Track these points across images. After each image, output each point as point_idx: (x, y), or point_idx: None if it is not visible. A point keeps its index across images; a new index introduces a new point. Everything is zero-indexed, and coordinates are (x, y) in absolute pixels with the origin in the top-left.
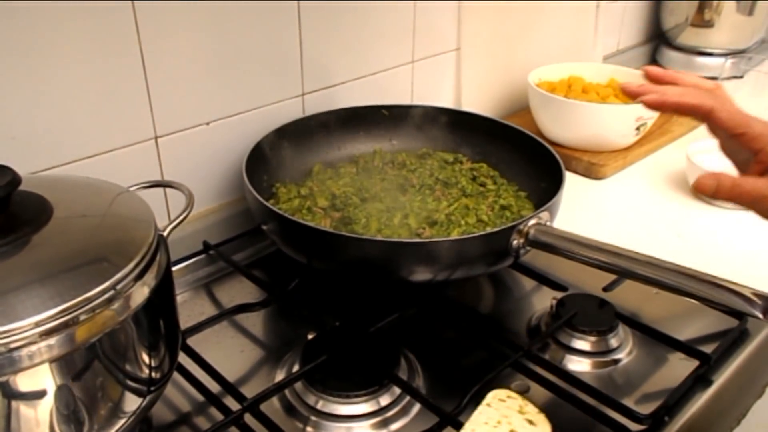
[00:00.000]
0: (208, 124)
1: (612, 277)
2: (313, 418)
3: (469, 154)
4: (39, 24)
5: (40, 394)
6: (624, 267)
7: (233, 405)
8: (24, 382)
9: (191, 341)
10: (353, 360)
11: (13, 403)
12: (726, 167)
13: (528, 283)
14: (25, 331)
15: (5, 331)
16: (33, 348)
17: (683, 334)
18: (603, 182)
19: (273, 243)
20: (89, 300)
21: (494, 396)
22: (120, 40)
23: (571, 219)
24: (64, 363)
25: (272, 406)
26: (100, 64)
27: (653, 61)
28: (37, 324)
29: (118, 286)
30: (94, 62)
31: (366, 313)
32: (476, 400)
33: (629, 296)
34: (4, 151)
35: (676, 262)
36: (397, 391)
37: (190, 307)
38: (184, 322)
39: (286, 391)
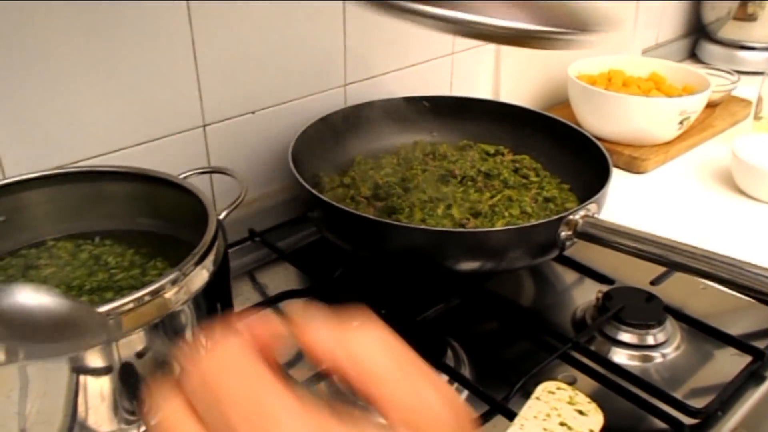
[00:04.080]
0: (253, 113)
1: (658, 270)
2: (360, 402)
3: (511, 146)
4: (97, 14)
5: (106, 371)
6: (678, 260)
7: None
8: (91, 358)
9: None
10: None
11: (81, 378)
12: None
13: (569, 276)
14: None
15: None
16: None
17: (732, 330)
18: (644, 176)
19: (317, 231)
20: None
21: (543, 389)
22: (173, 32)
23: (612, 213)
24: (128, 342)
25: (320, 391)
26: (153, 53)
27: (692, 55)
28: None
29: (182, 269)
30: (148, 54)
31: (411, 302)
32: (524, 390)
33: (676, 290)
34: (62, 137)
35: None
36: (444, 379)
37: (236, 294)
38: None
39: (335, 376)
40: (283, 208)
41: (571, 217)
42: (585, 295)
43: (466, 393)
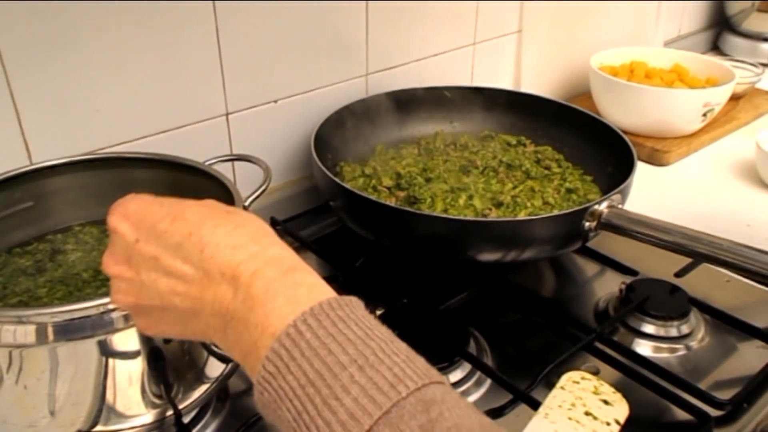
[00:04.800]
0: (276, 101)
1: (682, 262)
2: None
3: (532, 137)
4: (123, 4)
5: (134, 354)
6: (704, 251)
7: None
8: (120, 341)
9: None
10: (423, 336)
11: (110, 361)
12: None
13: (590, 267)
14: None
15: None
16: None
17: (757, 322)
18: (667, 169)
19: (339, 220)
20: None
21: (568, 378)
22: (198, 21)
23: (634, 206)
24: None
25: None
26: (178, 43)
27: (715, 47)
28: None
29: None
30: (173, 42)
31: (433, 291)
32: (547, 380)
33: (700, 282)
34: (89, 124)
35: None
36: (467, 368)
37: None
38: None
39: None
40: (305, 196)
41: (596, 207)
42: (607, 286)
43: (489, 382)
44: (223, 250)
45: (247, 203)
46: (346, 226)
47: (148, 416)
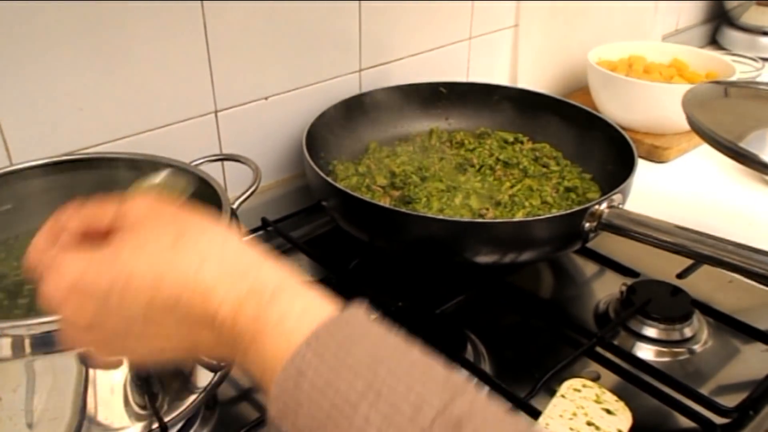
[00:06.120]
0: (266, 98)
1: (684, 263)
2: None
3: (530, 134)
4: (106, 2)
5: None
6: (707, 253)
7: None
8: None
9: None
10: (419, 341)
11: (90, 372)
12: None
13: (590, 268)
14: None
15: None
16: None
17: (761, 325)
18: (666, 165)
19: (332, 221)
20: None
21: (569, 386)
22: (185, 17)
23: (633, 204)
24: None
25: None
26: (164, 39)
27: (713, 41)
28: None
29: None
30: (159, 37)
31: (429, 294)
32: (547, 387)
33: (703, 284)
34: (72, 122)
35: None
36: (464, 375)
37: None
38: None
39: None
40: (297, 196)
41: (596, 207)
42: (607, 288)
43: (486, 389)
44: (194, 299)
45: (235, 205)
46: (340, 227)
47: (133, 429)
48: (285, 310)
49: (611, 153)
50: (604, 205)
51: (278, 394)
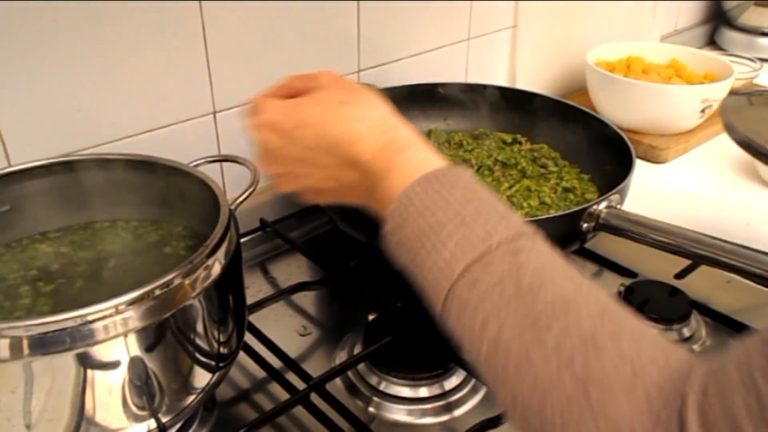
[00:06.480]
0: None
1: (682, 264)
2: (375, 399)
3: (528, 135)
4: (104, 3)
5: (114, 365)
6: (705, 253)
7: (297, 383)
8: (100, 353)
9: (251, 319)
10: (417, 342)
11: (89, 373)
12: None
13: (588, 268)
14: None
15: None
16: (108, 321)
17: (759, 325)
18: (664, 166)
19: (330, 221)
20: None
21: None
22: (183, 18)
23: (631, 203)
24: (137, 337)
25: (334, 386)
26: (163, 40)
27: (712, 42)
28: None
29: (194, 261)
30: (158, 39)
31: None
32: None
33: (701, 284)
34: (70, 124)
35: None
36: (462, 375)
37: (246, 285)
38: None
39: (349, 371)
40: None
41: (594, 208)
42: (605, 288)
43: (484, 390)
44: (347, 148)
45: (234, 205)
46: (338, 228)
47: (131, 430)
48: (410, 157)
49: (609, 153)
50: (602, 206)
51: (392, 214)
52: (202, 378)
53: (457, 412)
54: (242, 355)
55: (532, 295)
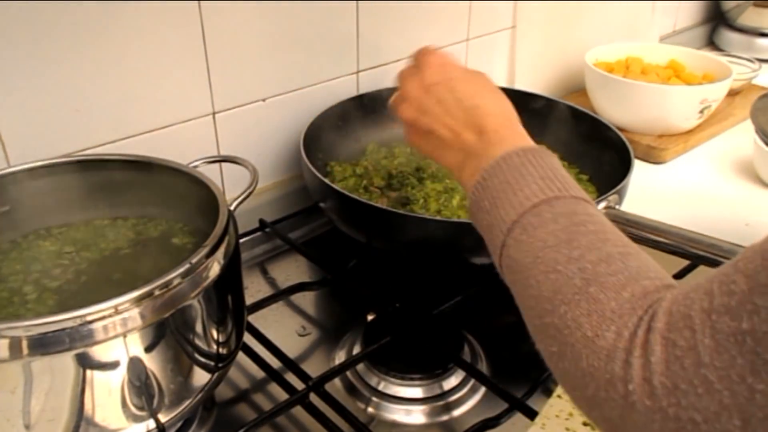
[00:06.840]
0: (264, 100)
1: (680, 264)
2: (374, 399)
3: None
4: (103, 2)
5: (113, 366)
6: (704, 254)
7: (296, 383)
8: (99, 353)
9: (250, 319)
10: (416, 342)
11: (88, 374)
12: None
13: None
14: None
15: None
16: (108, 321)
17: None
18: (663, 167)
19: (329, 222)
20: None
21: None
22: (182, 18)
23: (630, 203)
24: (137, 337)
25: (333, 386)
26: (162, 40)
27: (710, 42)
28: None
29: (193, 262)
30: (157, 39)
31: (426, 295)
32: (545, 386)
33: None
34: (68, 124)
35: None
36: (461, 375)
37: (246, 285)
38: None
39: (348, 371)
40: (294, 198)
41: None
42: None
43: (483, 389)
44: (482, 116)
45: (233, 206)
46: (337, 228)
47: (130, 430)
48: (520, 134)
49: (608, 154)
50: (601, 206)
51: (484, 176)
52: (201, 378)
53: (456, 413)
54: (241, 356)
55: (577, 226)
